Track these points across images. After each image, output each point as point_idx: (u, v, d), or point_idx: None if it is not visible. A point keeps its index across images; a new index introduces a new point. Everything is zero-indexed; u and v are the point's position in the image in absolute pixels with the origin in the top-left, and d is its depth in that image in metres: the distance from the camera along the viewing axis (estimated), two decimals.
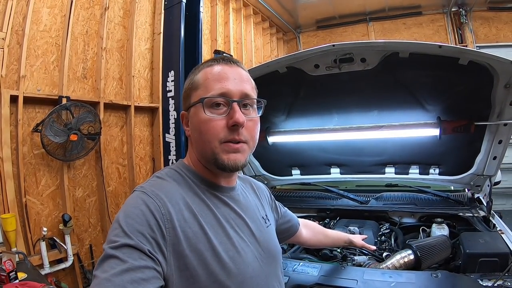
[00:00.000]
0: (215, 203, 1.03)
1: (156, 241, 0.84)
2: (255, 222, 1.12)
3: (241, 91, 1.02)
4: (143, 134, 4.84)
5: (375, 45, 2.10)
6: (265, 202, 1.32)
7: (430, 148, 2.59)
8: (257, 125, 1.07)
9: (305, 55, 2.14)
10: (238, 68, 1.07)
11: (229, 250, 0.95)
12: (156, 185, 0.98)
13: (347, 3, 8.32)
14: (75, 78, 3.93)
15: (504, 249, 1.91)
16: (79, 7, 3.98)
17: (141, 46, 4.82)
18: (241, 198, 1.14)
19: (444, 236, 2.18)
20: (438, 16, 8.62)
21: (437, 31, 8.54)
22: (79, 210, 3.96)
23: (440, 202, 2.76)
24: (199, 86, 1.04)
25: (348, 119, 2.63)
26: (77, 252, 3.75)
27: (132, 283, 0.74)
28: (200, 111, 1.00)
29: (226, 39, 6.95)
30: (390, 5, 8.54)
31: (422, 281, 1.67)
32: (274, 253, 1.15)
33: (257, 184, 1.37)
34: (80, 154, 3.72)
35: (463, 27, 8.21)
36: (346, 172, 3.11)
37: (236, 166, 1.00)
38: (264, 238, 1.11)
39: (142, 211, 0.86)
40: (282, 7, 8.33)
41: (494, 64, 1.92)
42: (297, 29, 9.82)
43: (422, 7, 8.58)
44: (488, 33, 8.17)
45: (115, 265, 0.77)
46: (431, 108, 2.38)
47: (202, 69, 1.08)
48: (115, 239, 0.81)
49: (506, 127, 2.21)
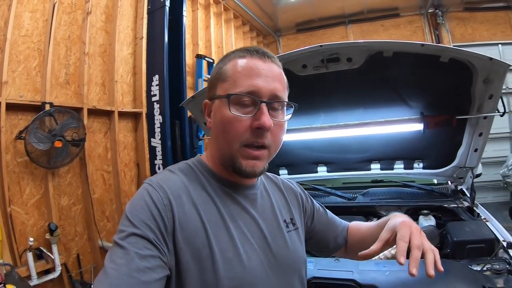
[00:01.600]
0: (224, 201, 0.97)
1: (160, 231, 0.83)
2: (272, 225, 1.04)
3: (272, 91, 0.93)
4: (127, 140, 4.81)
5: (360, 45, 2.16)
6: (294, 204, 1.21)
7: (414, 143, 2.67)
8: (283, 129, 0.99)
9: (294, 56, 2.18)
10: (272, 64, 0.98)
11: (227, 251, 0.89)
12: (163, 178, 0.95)
13: (326, 6, 8.45)
14: (58, 84, 3.89)
15: (489, 235, 2.00)
16: (61, 12, 3.93)
17: (124, 51, 4.80)
18: (258, 198, 1.06)
19: (431, 226, 2.25)
20: (415, 17, 8.85)
21: (415, 32, 8.76)
22: (65, 218, 3.90)
23: (425, 195, 2.84)
24: (227, 79, 0.96)
25: (334, 117, 2.68)
26: (64, 262, 3.68)
27: (138, 272, 0.75)
28: (224, 106, 0.93)
29: (208, 43, 6.97)
30: (368, 8, 8.70)
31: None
32: (291, 262, 1.04)
33: (287, 184, 1.26)
34: (65, 161, 3.66)
35: (439, 28, 8.46)
36: (333, 170, 3.16)
37: (254, 173, 0.95)
38: (279, 244, 1.02)
39: (146, 202, 0.86)
40: (262, 11, 8.40)
41: (474, 61, 2.00)
42: (277, 32, 9.90)
43: (400, 9, 8.80)
44: (464, 33, 8.44)
45: (121, 254, 0.77)
46: (414, 104, 2.46)
47: (232, 58, 0.99)
48: (122, 228, 0.83)
49: (486, 120, 2.30)
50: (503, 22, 8.30)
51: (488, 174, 7.20)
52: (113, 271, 0.75)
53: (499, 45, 8.04)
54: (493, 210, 6.26)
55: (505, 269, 1.67)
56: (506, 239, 1.95)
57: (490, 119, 2.28)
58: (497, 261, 1.76)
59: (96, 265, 4.14)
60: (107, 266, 0.77)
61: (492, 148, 7.50)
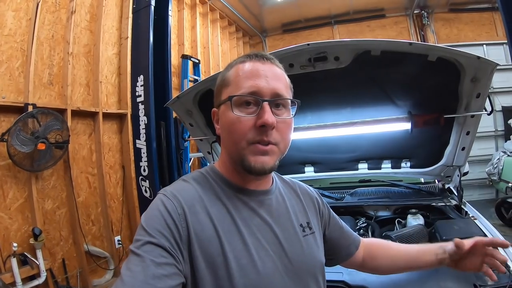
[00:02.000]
0: (238, 208, 0.98)
1: (175, 239, 0.85)
2: (287, 230, 1.04)
3: (273, 89, 0.96)
4: (112, 142, 4.75)
5: (348, 44, 2.13)
6: (311, 208, 1.21)
7: (401, 142, 2.68)
8: (290, 127, 1.00)
9: (280, 55, 2.14)
10: (272, 65, 1.01)
11: (241, 258, 0.90)
12: (177, 188, 0.98)
13: (312, 7, 8.48)
14: (41, 85, 3.82)
15: (478, 233, 2.01)
16: (45, 11, 3.87)
17: (108, 51, 4.74)
18: (273, 203, 1.07)
19: (420, 225, 2.25)
20: (401, 18, 9.00)
21: (400, 32, 8.88)
22: (50, 223, 3.83)
23: (413, 194, 2.86)
24: (229, 83, 1.00)
25: (321, 117, 2.66)
26: (49, 267, 3.60)
27: (153, 279, 0.77)
28: (228, 109, 0.96)
29: (193, 43, 6.93)
30: (354, 8, 8.77)
31: None
32: (308, 267, 1.05)
33: (303, 187, 1.27)
34: (48, 164, 3.60)
35: (425, 28, 8.61)
36: (320, 170, 3.16)
37: (264, 169, 0.94)
38: (295, 249, 1.02)
39: (161, 211, 0.88)
40: (248, 11, 8.40)
41: (461, 60, 2.00)
42: (263, 33, 9.92)
43: (386, 10, 8.91)
44: (449, 34, 8.60)
45: (138, 262, 0.80)
46: (402, 103, 2.46)
47: (234, 65, 1.04)
48: (138, 238, 0.85)
49: (473, 119, 2.30)
50: (488, 22, 8.48)
51: (474, 172, 7.36)
52: (129, 278, 0.77)
53: (483, 46, 8.16)
54: (479, 207, 6.30)
55: None
56: (495, 236, 1.95)
57: (478, 118, 2.28)
58: None
59: (82, 270, 4.07)
60: (123, 273, 0.79)
61: (478, 147, 7.67)
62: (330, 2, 8.31)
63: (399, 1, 8.49)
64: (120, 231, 4.69)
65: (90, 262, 4.21)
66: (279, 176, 1.22)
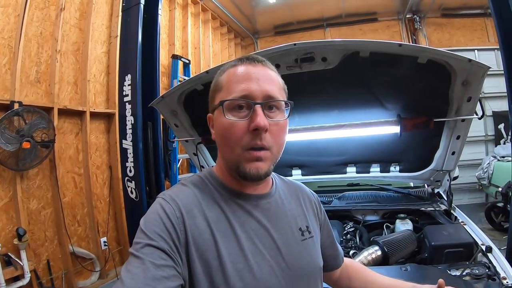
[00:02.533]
0: (235, 212, 0.98)
1: (174, 242, 0.86)
2: (285, 234, 1.03)
3: (265, 92, 0.95)
4: (99, 141, 4.71)
5: (336, 44, 2.09)
6: (310, 212, 1.20)
7: (390, 146, 2.65)
8: (284, 129, 1.00)
9: (266, 54, 2.08)
10: (264, 67, 1.00)
11: (237, 262, 0.90)
12: (176, 191, 0.98)
13: (305, 9, 8.46)
14: (28, 82, 3.78)
15: (468, 239, 1.99)
16: (34, 7, 3.82)
17: (97, 50, 4.71)
18: (272, 207, 1.06)
19: (409, 231, 2.23)
20: (393, 22, 9.07)
21: (392, 36, 8.92)
22: (34, 223, 3.78)
23: (402, 199, 2.85)
24: (221, 88, 1.00)
25: (309, 119, 2.62)
26: (34, 268, 3.56)
27: (153, 280, 0.78)
28: (221, 114, 0.95)
29: (184, 43, 6.90)
30: (347, 12, 8.78)
31: (393, 276, 1.66)
32: (306, 271, 1.04)
33: (304, 191, 1.26)
34: (34, 163, 3.55)
35: (417, 33, 8.68)
36: (308, 173, 3.13)
37: (258, 176, 0.94)
38: (292, 253, 1.01)
39: (160, 215, 0.89)
40: (240, 13, 8.37)
41: (452, 62, 1.97)
42: (255, 34, 9.89)
43: (378, 13, 8.94)
44: (441, 38, 8.68)
45: (138, 264, 0.80)
46: (391, 106, 2.43)
47: (225, 69, 1.03)
48: (138, 240, 0.86)
49: (464, 123, 2.29)
50: (479, 28, 8.58)
51: (464, 177, 7.38)
52: (129, 280, 0.78)
53: (475, 51, 8.23)
54: (469, 211, 6.39)
55: (485, 274, 1.67)
56: (485, 242, 1.94)
57: (468, 122, 2.27)
58: (476, 265, 1.75)
59: (67, 271, 4.02)
60: (123, 275, 0.80)
61: (468, 151, 7.72)
62: (322, 5, 8.30)
63: (392, 5, 8.52)
64: (106, 233, 4.65)
65: (75, 264, 4.16)
66: (281, 178, 1.22)
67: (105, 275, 4.51)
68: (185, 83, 2.37)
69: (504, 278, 1.62)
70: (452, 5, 8.40)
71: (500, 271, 1.68)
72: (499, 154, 6.69)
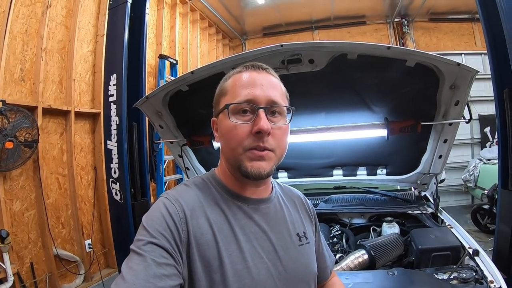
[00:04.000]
0: (236, 215, 1.01)
1: (175, 242, 0.88)
2: (283, 238, 1.07)
3: (268, 97, 0.99)
4: (84, 142, 4.66)
5: (323, 46, 2.06)
6: (306, 218, 1.24)
7: (377, 149, 2.65)
8: (286, 133, 1.05)
9: (252, 56, 2.06)
10: (267, 75, 1.06)
11: (237, 263, 0.93)
12: (179, 192, 1.01)
13: (293, 11, 8.48)
14: (12, 81, 3.71)
15: (455, 242, 2.00)
16: (19, 4, 3.77)
17: (84, 48, 4.65)
18: (271, 211, 1.10)
19: (395, 234, 2.23)
20: (382, 25, 9.17)
21: (380, 39, 9.01)
22: (18, 225, 3.71)
23: (389, 202, 2.86)
24: (227, 93, 1.04)
25: (295, 121, 2.57)
26: (17, 271, 3.51)
27: (154, 278, 0.80)
28: (226, 117, 1.00)
29: (172, 43, 6.85)
30: (335, 14, 8.84)
31: (380, 280, 1.68)
32: (302, 275, 1.08)
33: (300, 198, 1.30)
34: (17, 164, 3.49)
35: (405, 37, 8.80)
36: (294, 176, 3.12)
37: (260, 174, 0.97)
38: (290, 257, 1.05)
39: (163, 214, 0.91)
40: (229, 13, 8.36)
41: (440, 66, 1.97)
42: (243, 35, 9.89)
43: (367, 17, 9.03)
44: (429, 43, 8.82)
45: (139, 261, 0.82)
46: (378, 109, 2.41)
47: (231, 75, 1.07)
48: (140, 237, 0.88)
49: (451, 127, 2.29)
50: (467, 33, 8.73)
51: (450, 179, 7.56)
52: (130, 276, 0.80)
53: (462, 55, 8.37)
54: (455, 213, 6.50)
55: (472, 277, 1.67)
56: (472, 246, 1.94)
57: (456, 126, 2.27)
58: (464, 269, 1.75)
59: (51, 274, 3.96)
60: (124, 271, 0.81)
61: (454, 154, 7.83)
62: (311, 7, 8.33)
63: (380, 9, 8.58)
64: (91, 235, 4.59)
65: (59, 266, 4.10)
66: (279, 184, 1.25)
67: (89, 278, 4.45)
68: (169, 83, 2.33)
69: (491, 281, 1.63)
70: (440, 10, 8.52)
71: (487, 274, 1.68)
72: (485, 157, 6.79)
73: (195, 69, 2.18)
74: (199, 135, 2.68)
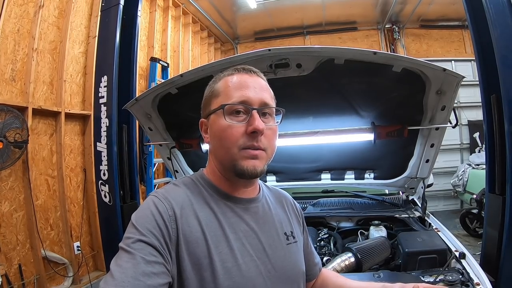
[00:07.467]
0: (226, 214, 1.03)
1: (165, 240, 0.89)
2: (272, 237, 1.10)
3: (261, 99, 1.04)
4: (74, 143, 4.64)
5: (311, 50, 2.09)
6: (293, 218, 1.27)
7: (365, 153, 2.67)
8: (276, 134, 1.09)
9: (240, 59, 2.08)
10: (258, 78, 1.10)
11: (227, 261, 0.95)
12: (168, 191, 1.03)
13: (285, 16, 8.51)
14: (3, 80, 3.69)
15: (441, 245, 2.01)
16: (12, 3, 3.76)
17: (75, 49, 4.64)
18: (259, 211, 1.12)
19: (382, 237, 2.25)
20: (373, 32, 9.26)
21: (371, 45, 9.09)
22: (6, 226, 3.67)
23: (376, 205, 2.89)
24: (219, 94, 1.07)
25: (283, 125, 2.59)
26: (5, 272, 3.47)
27: (143, 276, 0.80)
28: (220, 117, 1.02)
29: (163, 46, 6.85)
30: (327, 20, 8.90)
31: None
32: (290, 273, 1.10)
33: (288, 198, 1.33)
34: (6, 164, 3.46)
35: (395, 43, 8.90)
36: (282, 180, 3.14)
37: (255, 172, 1.01)
38: (278, 255, 1.07)
39: (152, 212, 0.92)
40: (221, 17, 8.37)
41: (427, 71, 1.99)
42: (235, 40, 9.91)
43: (358, 23, 9.11)
44: (419, 49, 8.93)
45: (128, 259, 0.83)
46: (365, 114, 2.43)
47: (222, 77, 1.11)
48: (129, 235, 0.88)
49: (438, 131, 2.32)
50: (457, 40, 8.85)
51: (439, 184, 7.62)
52: (119, 274, 0.80)
53: (452, 62, 8.44)
54: (444, 218, 6.57)
55: (459, 280, 1.68)
56: (458, 249, 1.96)
57: (442, 131, 2.30)
58: (450, 271, 1.77)
59: (39, 276, 3.92)
60: (113, 269, 0.82)
61: (444, 159, 7.97)
62: (303, 13, 8.36)
63: (371, 15, 8.65)
64: (79, 237, 4.56)
65: (48, 269, 4.05)
66: (267, 186, 1.28)
67: (78, 281, 4.41)
68: (159, 86, 2.33)
69: (477, 284, 1.65)
70: (430, 17, 8.62)
71: (473, 277, 1.70)
72: (474, 162, 6.86)
73: (184, 72, 2.19)
74: (188, 138, 2.69)
